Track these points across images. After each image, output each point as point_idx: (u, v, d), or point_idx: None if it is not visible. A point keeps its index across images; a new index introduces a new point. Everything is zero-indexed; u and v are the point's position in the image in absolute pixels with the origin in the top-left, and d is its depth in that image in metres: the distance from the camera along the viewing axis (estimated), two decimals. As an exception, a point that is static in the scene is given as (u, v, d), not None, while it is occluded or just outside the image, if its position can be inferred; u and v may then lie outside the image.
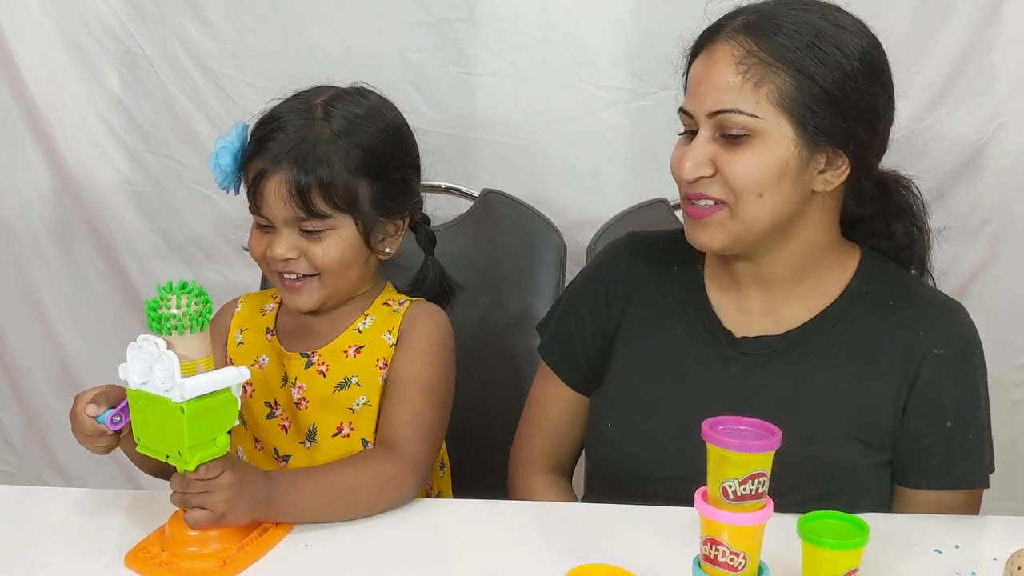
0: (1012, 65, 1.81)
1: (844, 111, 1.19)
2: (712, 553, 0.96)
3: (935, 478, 1.26)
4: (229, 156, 1.30)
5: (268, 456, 1.34)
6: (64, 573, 1.09)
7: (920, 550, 1.14)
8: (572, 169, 1.90)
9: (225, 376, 1.06)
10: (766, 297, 1.30)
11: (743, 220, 1.21)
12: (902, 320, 1.27)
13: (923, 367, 1.24)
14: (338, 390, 1.31)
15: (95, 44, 1.91)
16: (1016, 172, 1.86)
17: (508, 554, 1.14)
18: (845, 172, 1.22)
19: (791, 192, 1.21)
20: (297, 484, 1.17)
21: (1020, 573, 0.90)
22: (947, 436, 1.25)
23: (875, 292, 1.29)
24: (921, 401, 1.24)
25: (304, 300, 1.30)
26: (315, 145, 1.26)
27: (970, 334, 1.28)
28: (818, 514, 1.04)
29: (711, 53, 1.21)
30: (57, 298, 2.05)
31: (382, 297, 1.36)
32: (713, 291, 1.33)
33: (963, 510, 1.28)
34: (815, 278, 1.29)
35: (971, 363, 1.27)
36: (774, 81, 1.17)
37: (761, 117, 1.18)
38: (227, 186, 1.32)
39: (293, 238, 1.28)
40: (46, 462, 2.12)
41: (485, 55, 1.85)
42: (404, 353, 1.31)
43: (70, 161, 1.96)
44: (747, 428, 0.97)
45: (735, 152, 1.19)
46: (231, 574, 1.08)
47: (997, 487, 1.91)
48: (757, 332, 1.30)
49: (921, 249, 1.36)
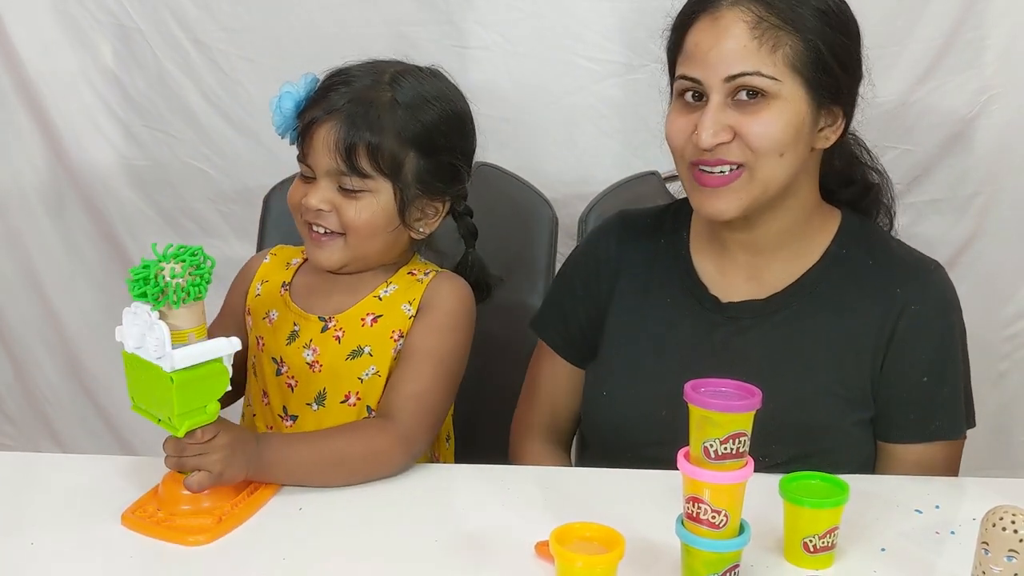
0: (1002, 38, 1.81)
1: (848, 71, 1.24)
2: (694, 511, 0.98)
3: (913, 431, 1.29)
4: (291, 102, 1.30)
5: (273, 414, 1.34)
6: (62, 535, 1.10)
7: (901, 510, 1.16)
8: (564, 142, 1.90)
9: (215, 347, 1.08)
10: (752, 262, 1.32)
11: (763, 181, 1.23)
12: (880, 279, 1.29)
13: (900, 323, 1.27)
14: (350, 358, 1.31)
15: (88, 17, 1.91)
16: (1005, 145, 1.86)
17: (497, 515, 1.16)
18: (841, 127, 1.27)
19: (803, 150, 1.24)
20: (287, 446, 1.19)
21: (995, 530, 0.91)
22: (923, 390, 1.28)
23: (854, 254, 1.32)
24: (898, 357, 1.27)
25: (326, 256, 1.30)
26: (372, 106, 1.27)
27: (946, 292, 1.31)
28: (800, 474, 1.06)
29: (717, 20, 1.22)
30: (53, 271, 2.05)
31: (408, 267, 1.36)
32: (699, 259, 1.36)
33: (943, 466, 1.30)
34: (799, 242, 1.32)
35: (947, 319, 1.30)
36: (788, 44, 1.20)
37: (779, 80, 1.20)
38: (283, 132, 1.32)
39: (330, 192, 1.27)
40: (43, 432, 2.14)
41: (478, 29, 1.85)
42: (422, 325, 1.31)
43: (64, 135, 1.97)
44: (728, 389, 0.99)
45: (753, 114, 1.21)
46: (227, 530, 1.10)
47: (983, 456, 1.95)
48: (742, 297, 1.32)
49: (884, 194, 1.40)
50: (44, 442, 2.14)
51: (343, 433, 1.23)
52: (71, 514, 1.15)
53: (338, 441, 1.21)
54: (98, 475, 1.22)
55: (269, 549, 1.08)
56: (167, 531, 1.09)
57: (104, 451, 2.08)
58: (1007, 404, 1.98)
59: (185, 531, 1.09)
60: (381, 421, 1.25)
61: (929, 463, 1.29)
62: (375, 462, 1.21)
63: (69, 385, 2.12)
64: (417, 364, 1.28)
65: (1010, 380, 1.98)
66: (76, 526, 1.12)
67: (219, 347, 1.08)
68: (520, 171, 1.77)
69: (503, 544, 1.09)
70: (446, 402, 1.31)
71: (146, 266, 1.04)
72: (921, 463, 1.29)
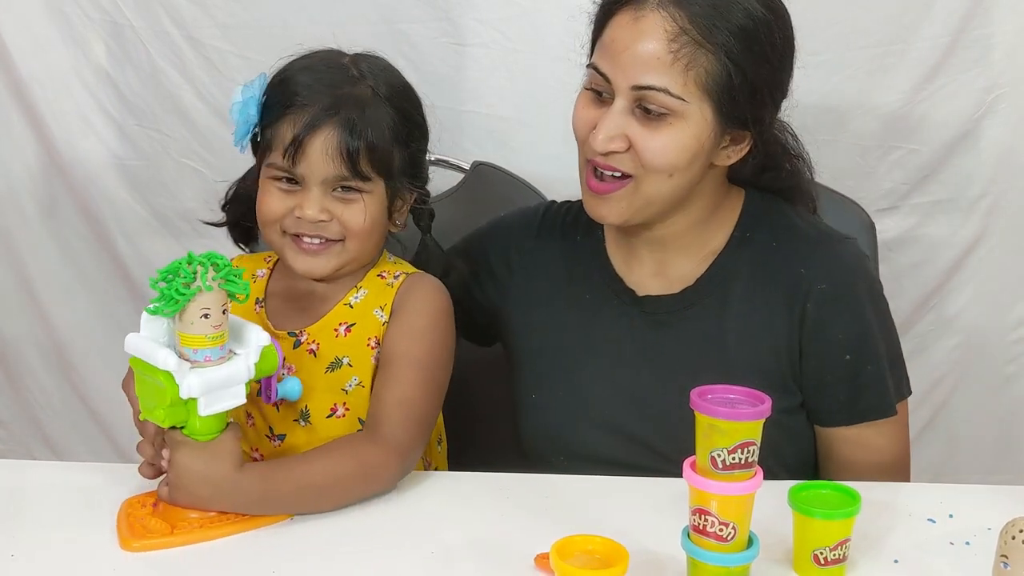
0: (1009, 36, 1.78)
1: (764, 98, 1.21)
2: (701, 523, 0.95)
3: (842, 413, 1.27)
4: (255, 107, 1.25)
5: (260, 434, 1.30)
6: (51, 544, 1.08)
7: (913, 519, 1.13)
8: (564, 141, 1.86)
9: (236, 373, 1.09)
10: (656, 257, 1.32)
11: (646, 196, 1.22)
12: (784, 260, 1.27)
13: (808, 304, 1.25)
14: (329, 371, 1.27)
15: (80, 15, 1.88)
16: (1013, 145, 1.84)
17: (497, 525, 1.13)
18: (747, 147, 1.25)
19: (696, 170, 1.22)
20: (268, 479, 1.13)
21: (1015, 542, 0.89)
22: (846, 370, 1.25)
23: (758, 236, 1.30)
24: (813, 339, 1.25)
25: (322, 264, 1.26)
26: (363, 106, 1.23)
27: (852, 264, 1.28)
28: (809, 484, 1.04)
29: (638, 19, 1.18)
30: (45, 272, 2.03)
31: (376, 268, 1.32)
32: (613, 254, 1.36)
33: (886, 446, 1.28)
34: (699, 238, 1.30)
35: (858, 294, 1.26)
36: (703, 64, 1.17)
37: (687, 101, 1.17)
38: (243, 141, 1.27)
39: (325, 199, 1.23)
40: (36, 437, 2.11)
41: (476, 26, 1.83)
42: (396, 329, 1.27)
43: (56, 134, 1.94)
44: (736, 396, 0.96)
45: (653, 130, 1.19)
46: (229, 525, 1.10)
47: (991, 460, 1.93)
48: (652, 291, 1.31)
49: (804, 181, 1.37)
50: (37, 447, 2.12)
51: (330, 453, 1.18)
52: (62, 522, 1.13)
53: (326, 462, 1.16)
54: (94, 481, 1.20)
55: (259, 561, 1.05)
56: (131, 527, 1.09)
57: (98, 456, 2.06)
58: (1014, 408, 1.95)
59: (186, 522, 1.09)
60: (369, 434, 1.21)
61: (869, 444, 1.27)
62: (369, 479, 1.17)
63: (62, 389, 2.09)
64: (397, 371, 1.25)
65: (1017, 384, 1.96)
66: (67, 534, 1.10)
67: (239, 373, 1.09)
68: (519, 170, 1.75)
69: (502, 556, 1.06)
70: (433, 406, 1.27)
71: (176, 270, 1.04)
72: (861, 445, 1.27)
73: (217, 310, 1.06)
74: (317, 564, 1.05)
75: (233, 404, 1.09)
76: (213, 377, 1.06)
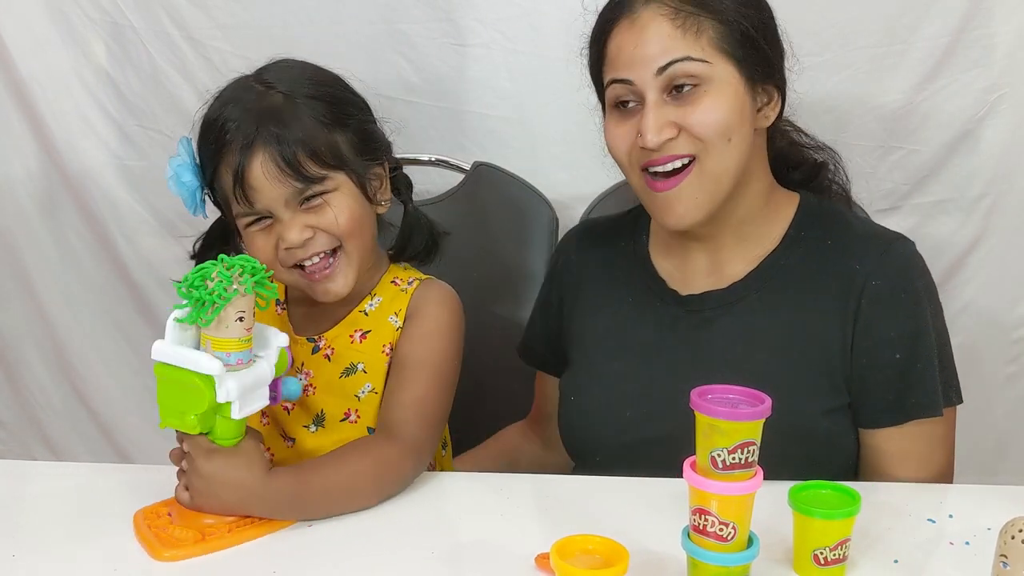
0: (1010, 35, 1.78)
1: (772, 45, 1.25)
2: (701, 523, 0.95)
3: (890, 412, 1.25)
4: (189, 173, 1.23)
5: (276, 433, 1.31)
6: (49, 545, 1.08)
7: (913, 519, 1.13)
8: (564, 142, 1.87)
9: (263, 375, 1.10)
10: (711, 257, 1.32)
11: (714, 172, 1.22)
12: (839, 257, 1.27)
13: (863, 301, 1.24)
14: (344, 376, 1.27)
15: (81, 15, 1.88)
16: (1014, 145, 1.83)
17: (497, 525, 1.13)
18: (778, 104, 1.27)
19: (749, 132, 1.23)
20: (299, 482, 1.13)
21: (1014, 542, 0.88)
22: (897, 368, 1.24)
23: (812, 235, 1.30)
24: (866, 336, 1.24)
25: (340, 282, 1.24)
26: (278, 113, 1.20)
27: (908, 262, 1.27)
28: (809, 484, 1.03)
29: (635, 20, 1.22)
30: (45, 273, 2.03)
31: (389, 275, 1.32)
32: (658, 258, 1.36)
33: (930, 449, 1.26)
34: (757, 230, 1.30)
35: (911, 292, 1.25)
36: (709, 28, 1.20)
37: (710, 62, 1.20)
38: (195, 207, 1.24)
39: (299, 217, 1.21)
40: (36, 438, 2.11)
41: (476, 26, 1.83)
42: (410, 333, 1.27)
43: (57, 135, 1.94)
44: (736, 396, 0.96)
45: (693, 104, 1.20)
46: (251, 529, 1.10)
47: (992, 461, 1.92)
48: (702, 290, 1.31)
49: (835, 173, 1.39)
50: (37, 447, 2.12)
51: (350, 454, 1.18)
52: (60, 523, 1.13)
53: (347, 464, 1.16)
54: (96, 483, 1.20)
55: (259, 561, 1.05)
56: (157, 536, 1.08)
57: (98, 456, 2.06)
58: (1015, 408, 1.95)
59: (204, 528, 1.09)
60: (384, 436, 1.22)
61: (911, 453, 1.25)
62: (387, 480, 1.18)
63: (62, 389, 2.09)
64: (411, 373, 1.25)
65: (1017, 384, 1.95)
66: (67, 534, 1.10)
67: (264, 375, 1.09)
68: (519, 171, 1.76)
69: (502, 556, 1.06)
70: (445, 408, 1.28)
71: (201, 277, 1.04)
72: (903, 455, 1.25)
73: (250, 313, 1.06)
74: (317, 564, 1.05)
75: (260, 406, 1.09)
76: (246, 380, 1.06)
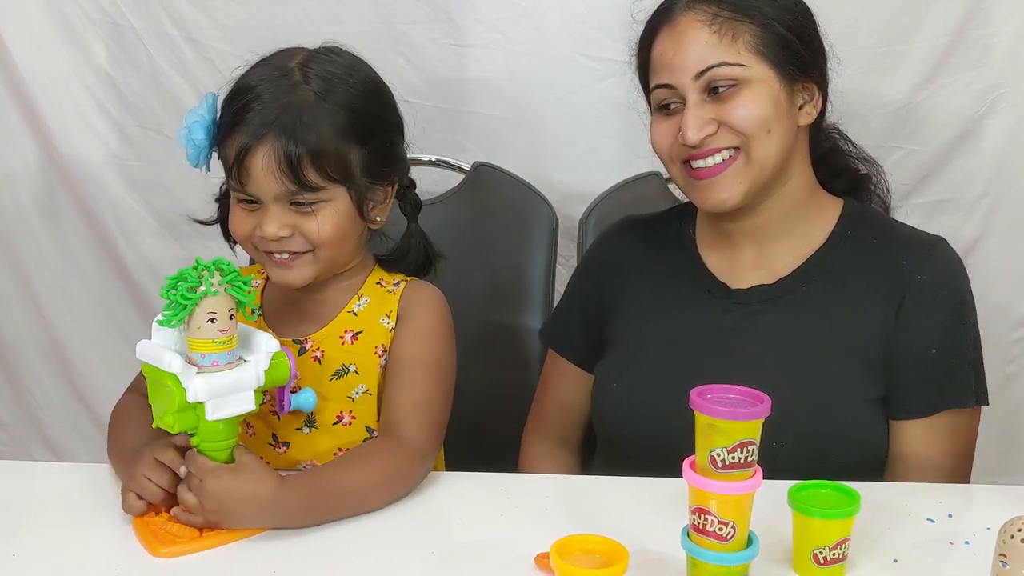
0: (1010, 35, 1.78)
1: (808, 44, 1.30)
2: (700, 523, 0.95)
3: (923, 404, 1.28)
4: (202, 131, 1.22)
5: (262, 442, 1.29)
6: (48, 545, 1.08)
7: (912, 519, 1.13)
8: (565, 142, 1.88)
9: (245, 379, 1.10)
10: (758, 250, 1.35)
11: (758, 161, 1.26)
12: (885, 254, 1.32)
13: (907, 295, 1.28)
14: (335, 378, 1.26)
15: (81, 15, 1.88)
16: (1014, 145, 1.84)
17: (497, 525, 1.13)
18: (820, 101, 1.32)
19: (789, 126, 1.28)
20: (308, 491, 1.12)
21: (1013, 541, 0.88)
22: (932, 362, 1.27)
23: (858, 234, 1.34)
24: (906, 329, 1.28)
25: (296, 275, 1.24)
26: (301, 112, 1.18)
27: (951, 262, 1.32)
28: (809, 484, 1.03)
29: (674, 27, 1.28)
30: (45, 273, 2.02)
31: (374, 276, 1.31)
32: (705, 252, 1.39)
33: (955, 442, 1.29)
34: (803, 226, 1.34)
35: (953, 290, 1.30)
36: (746, 32, 1.25)
37: (746, 65, 1.25)
38: (199, 163, 1.25)
39: (284, 215, 1.20)
40: (35, 438, 2.11)
41: (477, 26, 1.83)
42: (404, 333, 1.27)
43: (56, 135, 1.94)
44: (736, 396, 0.96)
45: (731, 102, 1.26)
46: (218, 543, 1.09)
47: (992, 461, 1.92)
48: (750, 284, 1.34)
49: (877, 184, 1.43)
50: (36, 447, 2.11)
51: (359, 460, 1.18)
52: (61, 523, 1.13)
53: (357, 469, 1.16)
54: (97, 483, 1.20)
55: (258, 563, 1.05)
56: (155, 533, 1.08)
57: (98, 456, 2.03)
58: (1015, 408, 1.95)
59: (184, 537, 1.08)
60: (388, 440, 1.21)
61: (941, 441, 1.27)
62: (395, 485, 1.17)
63: (62, 389, 2.09)
64: (409, 373, 1.25)
65: (1017, 384, 1.96)
66: (67, 534, 1.10)
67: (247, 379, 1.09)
68: (520, 171, 1.76)
69: (502, 556, 1.05)
70: (447, 407, 1.28)
71: (183, 278, 1.04)
72: (932, 441, 1.27)
73: (223, 314, 1.06)
74: (317, 565, 1.05)
75: (242, 410, 1.09)
76: (220, 381, 1.06)
